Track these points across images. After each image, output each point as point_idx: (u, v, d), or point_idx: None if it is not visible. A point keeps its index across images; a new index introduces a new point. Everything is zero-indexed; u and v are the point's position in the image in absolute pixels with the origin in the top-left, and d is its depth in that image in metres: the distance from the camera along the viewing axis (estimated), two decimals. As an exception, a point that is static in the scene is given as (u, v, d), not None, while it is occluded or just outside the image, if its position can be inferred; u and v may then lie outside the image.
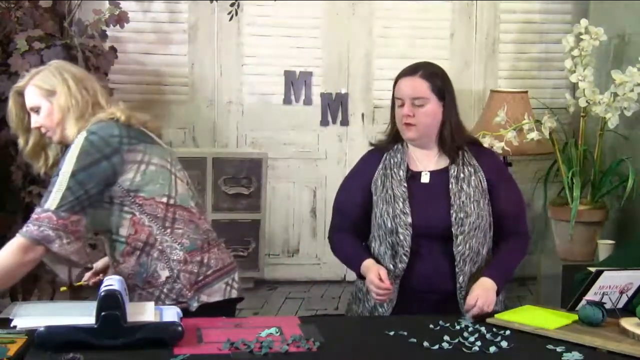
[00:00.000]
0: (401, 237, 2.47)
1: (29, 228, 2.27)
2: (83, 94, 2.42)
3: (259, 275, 4.12)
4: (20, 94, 2.49)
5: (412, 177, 2.54)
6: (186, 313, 2.30)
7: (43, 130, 2.47)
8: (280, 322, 2.24)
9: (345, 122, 4.35)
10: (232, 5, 3.95)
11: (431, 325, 2.24)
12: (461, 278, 2.47)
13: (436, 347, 2.06)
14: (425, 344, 2.07)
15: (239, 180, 4.08)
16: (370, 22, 4.31)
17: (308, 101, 4.28)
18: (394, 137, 2.60)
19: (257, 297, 4.12)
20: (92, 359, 1.91)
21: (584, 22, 3.84)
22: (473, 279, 2.47)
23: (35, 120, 2.46)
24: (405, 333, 2.16)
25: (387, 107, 4.41)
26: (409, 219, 2.47)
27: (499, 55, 4.36)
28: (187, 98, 4.14)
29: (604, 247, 3.73)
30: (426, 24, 4.33)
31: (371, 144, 2.70)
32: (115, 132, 2.35)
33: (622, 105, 3.70)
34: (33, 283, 3.71)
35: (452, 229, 2.45)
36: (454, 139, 2.53)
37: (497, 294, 2.43)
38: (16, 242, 2.27)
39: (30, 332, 2.03)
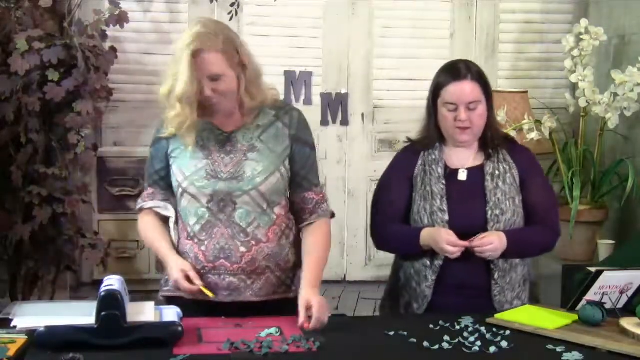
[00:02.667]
0: None
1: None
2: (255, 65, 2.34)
3: (259, 275, 4.11)
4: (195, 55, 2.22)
5: (450, 174, 2.54)
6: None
7: (215, 100, 2.27)
8: (280, 322, 2.23)
9: (345, 122, 4.35)
10: (232, 5, 3.96)
11: (431, 325, 2.24)
12: (496, 274, 2.48)
13: (436, 347, 2.06)
14: (425, 344, 2.07)
15: (239, 180, 4.07)
16: (370, 22, 4.31)
17: (308, 101, 4.28)
18: (432, 137, 2.58)
19: (257, 297, 4.11)
20: (92, 359, 1.91)
21: (584, 22, 3.84)
22: (507, 275, 2.48)
23: (213, 89, 2.25)
24: (405, 333, 2.16)
25: (387, 107, 4.46)
26: (446, 217, 2.48)
27: (499, 55, 4.36)
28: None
29: (604, 247, 3.74)
30: (426, 24, 4.34)
31: (408, 139, 2.69)
32: None
33: (622, 105, 3.71)
34: (33, 283, 3.71)
35: (488, 227, 2.46)
36: (494, 137, 2.55)
37: (502, 255, 2.44)
38: None
39: (30, 332, 2.03)
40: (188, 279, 2.24)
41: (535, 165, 2.64)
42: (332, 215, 2.48)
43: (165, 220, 2.42)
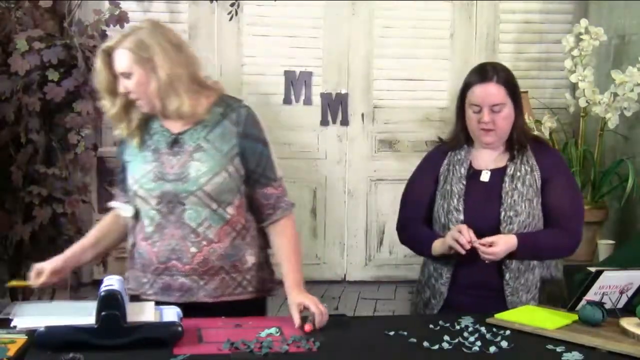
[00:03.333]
0: None
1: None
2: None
3: (259, 275, 4.11)
4: (109, 54, 2.32)
5: (473, 174, 2.55)
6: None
7: (134, 97, 2.32)
8: (280, 322, 2.23)
9: (345, 122, 4.35)
10: (232, 5, 3.96)
11: (431, 325, 2.24)
12: (507, 275, 2.47)
13: (436, 347, 2.06)
14: (425, 344, 2.07)
15: (239, 180, 4.08)
16: (370, 22, 4.31)
17: (308, 101, 4.29)
18: (459, 138, 2.60)
19: (257, 297, 4.12)
20: (92, 359, 1.91)
21: (584, 22, 3.84)
22: (522, 276, 2.49)
23: (125, 86, 2.31)
24: (405, 333, 2.16)
25: (387, 107, 4.46)
26: (461, 216, 2.49)
27: (499, 55, 4.36)
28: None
29: (604, 247, 3.74)
30: (426, 24, 4.34)
31: (440, 140, 2.69)
32: None
33: (622, 105, 3.71)
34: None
35: (500, 227, 2.46)
36: (520, 139, 2.55)
37: (512, 256, 2.44)
38: None
39: (30, 332, 2.03)
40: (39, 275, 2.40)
41: (560, 167, 2.60)
42: (293, 205, 2.45)
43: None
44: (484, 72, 2.51)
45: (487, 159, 2.58)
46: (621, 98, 3.70)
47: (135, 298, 2.37)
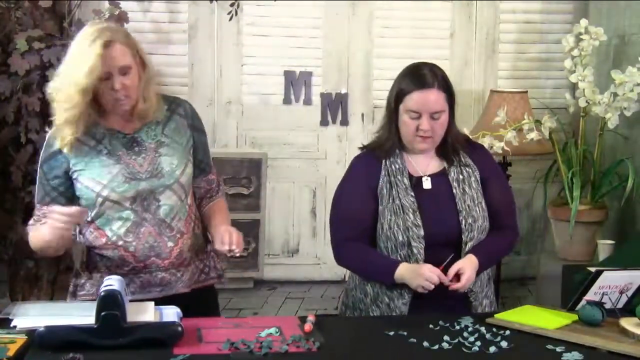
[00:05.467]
0: (415, 251, 2.41)
1: None
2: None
3: (258, 275, 4.12)
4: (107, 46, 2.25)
5: (415, 183, 2.47)
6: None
7: (122, 94, 2.29)
8: (280, 322, 2.24)
9: (345, 122, 4.35)
10: (232, 5, 3.95)
11: (431, 325, 2.24)
12: (473, 284, 2.45)
13: (436, 347, 2.06)
14: (425, 344, 2.07)
15: (238, 180, 4.08)
16: (370, 22, 4.31)
17: (308, 101, 4.28)
18: (393, 144, 2.50)
19: (257, 297, 4.12)
20: (92, 359, 1.91)
21: (584, 22, 3.84)
22: (478, 279, 2.46)
23: (122, 82, 2.28)
24: (405, 333, 2.16)
25: (387, 107, 4.45)
26: (422, 232, 2.41)
27: (499, 55, 4.36)
28: (186, 98, 4.12)
29: (604, 247, 3.73)
30: (426, 24, 4.33)
31: (363, 147, 2.59)
32: None
33: (622, 105, 3.70)
34: (33, 283, 3.71)
35: (463, 236, 2.42)
36: (454, 142, 2.51)
37: (476, 274, 2.42)
38: None
39: (30, 332, 2.03)
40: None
41: (493, 164, 2.62)
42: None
43: None
44: (423, 78, 2.42)
45: (423, 165, 2.51)
46: (621, 98, 3.69)
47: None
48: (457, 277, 2.35)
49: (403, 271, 2.38)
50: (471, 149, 2.57)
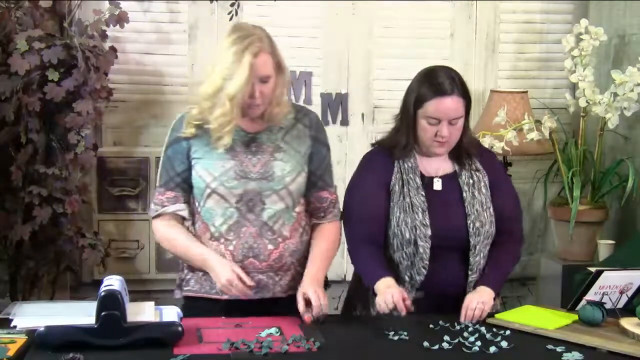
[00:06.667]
0: (420, 250, 2.42)
1: None
2: None
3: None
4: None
5: (426, 184, 2.49)
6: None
7: (259, 102, 2.33)
8: (280, 322, 2.24)
9: (345, 122, 4.34)
10: (232, 5, 3.95)
11: (431, 325, 2.24)
12: (471, 286, 2.45)
13: (436, 347, 2.06)
14: (425, 344, 2.08)
15: (239, 180, 4.08)
16: (370, 22, 4.31)
17: (308, 101, 4.27)
18: (409, 146, 2.52)
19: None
20: (92, 359, 1.91)
21: (584, 22, 3.84)
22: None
23: (261, 91, 2.32)
24: (405, 333, 2.16)
25: (387, 107, 4.45)
26: (429, 231, 2.42)
27: (499, 55, 4.36)
28: (187, 98, 4.13)
29: (604, 247, 3.74)
30: (426, 24, 4.33)
31: (376, 143, 2.64)
32: None
33: (622, 105, 3.70)
34: (33, 283, 3.71)
35: (470, 240, 2.44)
36: (468, 147, 2.53)
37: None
38: None
39: (30, 332, 2.03)
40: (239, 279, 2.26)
41: (501, 170, 2.64)
42: (341, 218, 2.52)
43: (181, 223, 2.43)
44: (443, 86, 2.44)
45: (435, 166, 2.53)
46: (621, 98, 3.69)
47: (195, 300, 2.38)
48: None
49: (380, 284, 2.37)
50: (481, 153, 2.58)
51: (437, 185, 2.50)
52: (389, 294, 2.27)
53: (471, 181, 2.50)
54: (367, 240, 2.47)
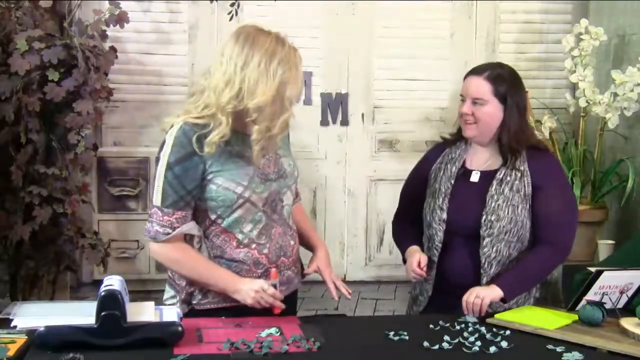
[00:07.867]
0: (433, 232, 2.52)
1: None
2: None
3: (259, 275, 4.11)
4: None
5: (463, 174, 2.55)
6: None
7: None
8: (280, 322, 2.23)
9: (345, 122, 4.35)
10: (232, 5, 3.96)
11: (431, 325, 2.24)
12: (484, 280, 2.45)
13: (436, 347, 2.06)
14: (425, 344, 2.07)
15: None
16: (370, 22, 4.31)
17: (308, 101, 4.28)
18: (459, 131, 2.60)
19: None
20: (92, 359, 1.91)
21: (584, 22, 3.85)
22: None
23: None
24: (405, 333, 2.16)
25: (387, 107, 4.46)
26: (444, 215, 2.50)
27: (499, 55, 4.36)
28: (187, 98, 4.13)
29: (604, 247, 3.74)
30: (426, 24, 4.34)
31: (442, 138, 2.70)
32: None
33: (622, 105, 3.71)
34: (33, 283, 3.72)
35: (480, 231, 2.45)
36: (511, 142, 2.51)
37: (504, 301, 2.41)
38: None
39: (30, 332, 2.03)
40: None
41: (553, 175, 2.53)
42: None
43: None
44: (481, 67, 2.54)
45: (480, 160, 2.56)
46: (621, 98, 3.70)
47: (226, 310, 2.31)
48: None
49: (408, 254, 2.54)
50: (536, 155, 2.54)
51: (474, 177, 2.54)
52: (408, 262, 2.49)
53: (507, 179, 2.50)
54: (402, 218, 2.70)
